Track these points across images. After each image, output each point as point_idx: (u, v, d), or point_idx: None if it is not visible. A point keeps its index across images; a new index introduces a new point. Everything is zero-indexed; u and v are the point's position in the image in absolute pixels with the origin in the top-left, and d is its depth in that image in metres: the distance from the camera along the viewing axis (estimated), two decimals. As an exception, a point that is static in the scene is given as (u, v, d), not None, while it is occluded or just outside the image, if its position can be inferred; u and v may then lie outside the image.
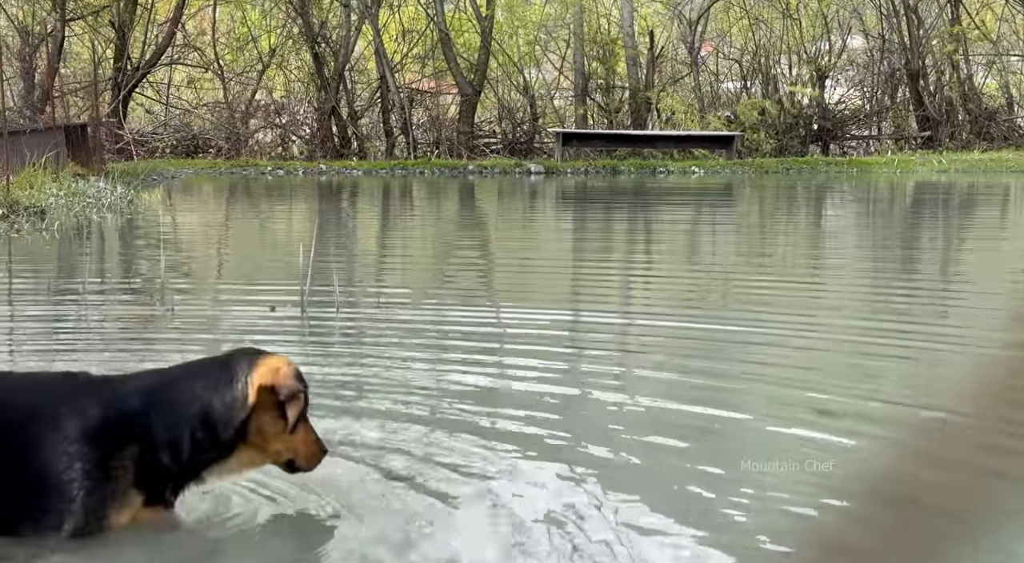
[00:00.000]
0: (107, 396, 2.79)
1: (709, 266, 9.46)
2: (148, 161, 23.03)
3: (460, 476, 3.44)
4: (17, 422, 2.71)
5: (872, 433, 3.99)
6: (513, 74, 28.07)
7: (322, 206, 16.92)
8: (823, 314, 6.71)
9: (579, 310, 7.09)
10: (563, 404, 4.37)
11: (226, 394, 2.82)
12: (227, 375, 2.84)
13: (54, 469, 2.67)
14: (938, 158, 24.62)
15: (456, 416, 4.15)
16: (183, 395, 2.82)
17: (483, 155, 26.13)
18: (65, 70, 25.82)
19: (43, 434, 2.69)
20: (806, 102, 27.94)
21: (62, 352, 5.37)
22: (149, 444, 2.76)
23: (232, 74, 27.46)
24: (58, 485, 2.68)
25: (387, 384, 4.67)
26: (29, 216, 11.85)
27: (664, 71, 28.56)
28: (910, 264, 9.65)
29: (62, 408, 2.72)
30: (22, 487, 2.69)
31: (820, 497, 3.26)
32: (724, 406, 4.26)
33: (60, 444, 2.68)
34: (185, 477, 2.86)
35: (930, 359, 5.42)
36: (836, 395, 4.53)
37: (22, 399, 2.77)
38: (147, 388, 2.84)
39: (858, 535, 3.04)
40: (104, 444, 2.71)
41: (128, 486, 2.74)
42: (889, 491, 3.41)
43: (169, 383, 2.87)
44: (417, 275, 8.80)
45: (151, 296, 7.01)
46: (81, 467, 2.68)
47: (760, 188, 20.31)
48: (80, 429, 2.70)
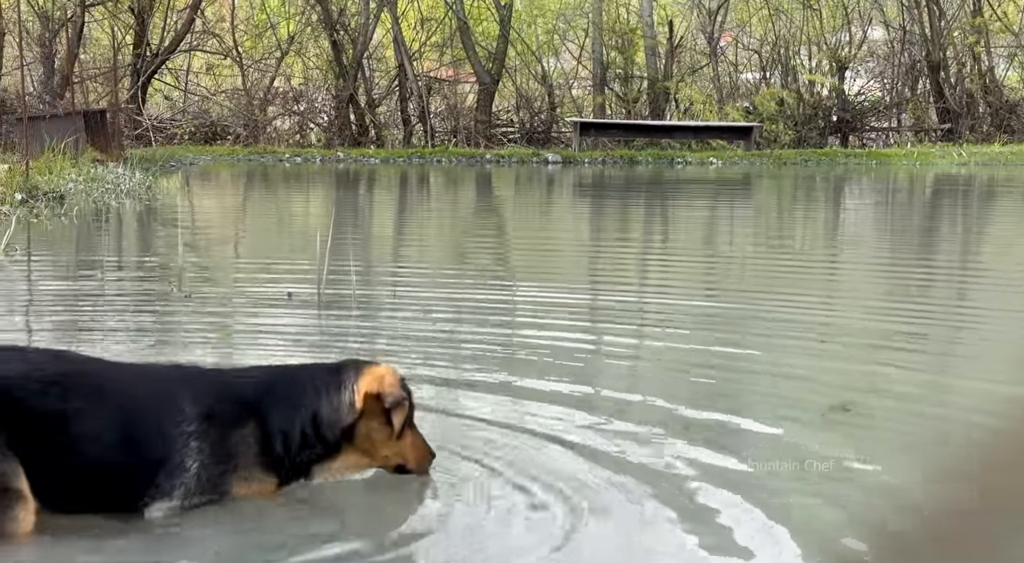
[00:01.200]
0: (223, 384, 3.00)
1: (727, 253, 9.43)
2: (166, 147, 23.09)
3: (473, 462, 3.44)
4: (143, 407, 2.89)
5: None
6: (531, 63, 28.02)
7: (339, 194, 16.94)
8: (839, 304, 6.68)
9: (598, 291, 7.08)
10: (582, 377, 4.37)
11: (334, 398, 3.01)
12: (336, 380, 3.04)
13: (178, 448, 2.86)
14: (958, 151, 24.46)
15: (471, 401, 4.15)
16: (295, 392, 3.01)
17: (500, 144, 26.10)
18: (85, 56, 25.90)
19: (167, 418, 2.88)
20: (825, 93, 27.81)
21: (82, 333, 5.39)
22: (265, 430, 2.95)
23: (251, 61, 27.50)
24: (181, 462, 2.86)
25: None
26: (48, 201, 11.89)
27: (683, 61, 28.46)
28: (928, 256, 9.60)
29: (183, 391, 2.92)
30: (149, 466, 2.87)
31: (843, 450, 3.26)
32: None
33: (182, 425, 2.87)
34: (294, 470, 3.02)
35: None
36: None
37: (145, 388, 2.95)
38: (262, 381, 3.04)
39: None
40: (223, 424, 2.90)
41: (251, 463, 2.93)
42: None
43: (282, 379, 3.07)
44: (433, 261, 8.80)
45: (169, 281, 7.03)
46: (199, 444, 2.87)
47: (779, 179, 20.24)
48: (200, 412, 2.89)
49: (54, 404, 2.80)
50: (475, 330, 5.59)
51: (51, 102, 22.09)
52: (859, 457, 3.56)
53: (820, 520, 3.07)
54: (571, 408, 4.10)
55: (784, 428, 3.90)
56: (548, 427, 3.83)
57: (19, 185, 12.20)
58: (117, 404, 2.88)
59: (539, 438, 3.71)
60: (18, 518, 2.70)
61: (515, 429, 3.81)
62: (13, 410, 2.76)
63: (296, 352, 4.96)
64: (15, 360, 2.89)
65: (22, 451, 2.73)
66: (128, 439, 2.87)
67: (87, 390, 2.86)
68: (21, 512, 2.71)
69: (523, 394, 4.30)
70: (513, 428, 3.82)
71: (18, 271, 7.38)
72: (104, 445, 2.85)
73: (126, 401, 2.90)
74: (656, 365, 5.00)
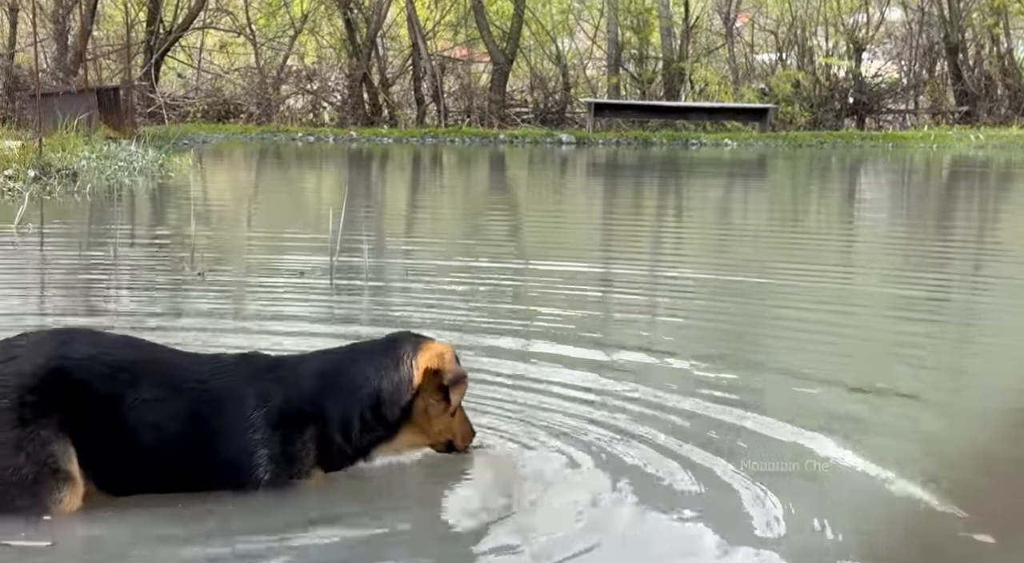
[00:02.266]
0: (287, 380, 2.96)
1: (741, 229, 9.37)
2: (179, 125, 23.05)
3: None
4: (213, 403, 2.89)
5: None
6: (546, 43, 27.89)
7: (352, 173, 16.89)
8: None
9: (610, 262, 7.03)
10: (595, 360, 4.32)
11: (394, 376, 2.99)
12: (394, 358, 3.01)
13: (244, 448, 2.87)
14: (975, 133, 24.28)
15: (483, 383, 4.11)
16: (354, 378, 2.99)
17: (514, 124, 26.01)
18: (98, 33, 25.86)
19: (234, 417, 2.88)
20: (842, 75, 27.62)
21: (94, 309, 5.36)
22: (324, 425, 2.94)
23: (264, 39, 27.42)
24: (247, 464, 2.87)
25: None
26: (61, 179, 11.86)
27: (698, 42, 28.29)
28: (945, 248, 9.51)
29: (250, 390, 2.90)
30: (214, 465, 2.88)
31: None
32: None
33: (248, 430, 2.87)
34: (356, 455, 3.03)
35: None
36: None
37: (217, 384, 2.92)
38: (320, 371, 3.00)
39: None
40: (286, 426, 2.90)
41: (310, 466, 2.94)
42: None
43: (340, 366, 3.04)
44: (445, 237, 8.75)
45: (181, 259, 6.99)
46: (267, 451, 2.88)
47: (794, 161, 20.12)
48: (266, 414, 2.88)
49: (121, 390, 2.80)
50: (489, 303, 5.55)
51: (64, 79, 22.07)
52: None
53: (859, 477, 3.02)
54: (587, 371, 4.15)
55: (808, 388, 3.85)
56: (563, 392, 3.81)
57: (32, 162, 12.17)
58: (187, 398, 2.87)
59: (556, 398, 3.76)
60: (64, 500, 2.71)
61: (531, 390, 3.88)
62: (72, 392, 2.75)
63: (311, 328, 4.91)
64: (83, 343, 2.87)
65: (78, 433, 2.73)
66: (194, 437, 2.87)
67: (156, 378, 2.86)
68: (67, 494, 2.72)
69: (540, 358, 4.32)
70: (529, 389, 3.89)
71: (31, 247, 7.36)
72: (168, 438, 2.84)
73: (195, 395, 2.88)
74: (672, 324, 4.95)
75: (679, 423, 3.64)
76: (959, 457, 3.44)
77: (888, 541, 2.81)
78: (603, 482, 3.09)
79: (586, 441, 3.42)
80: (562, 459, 3.27)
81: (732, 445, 3.42)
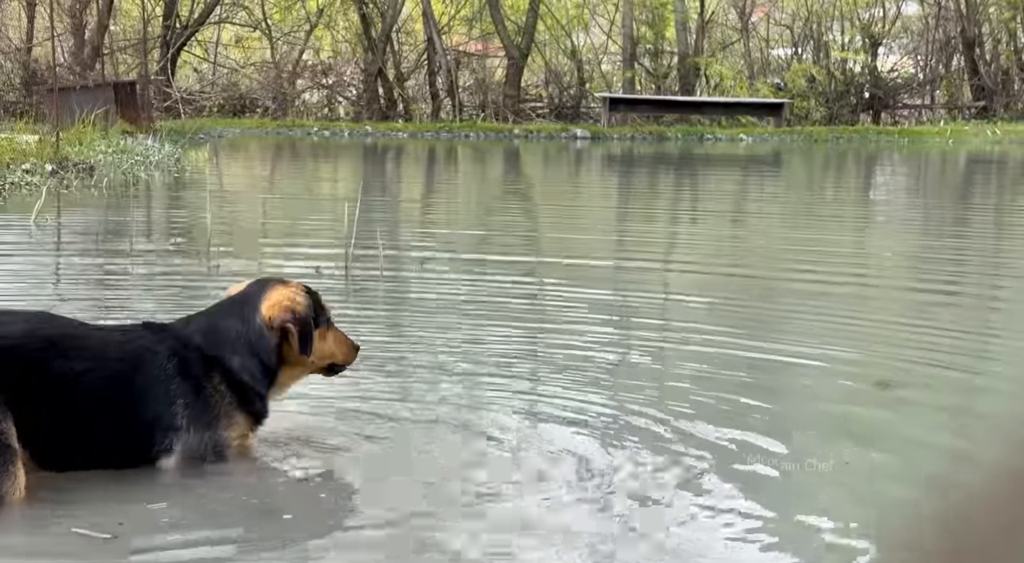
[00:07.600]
0: (185, 337, 3.13)
1: (758, 224, 9.36)
2: (195, 119, 23.12)
3: (499, 435, 3.43)
4: (119, 370, 3.01)
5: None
6: (561, 38, 27.86)
7: (367, 167, 16.92)
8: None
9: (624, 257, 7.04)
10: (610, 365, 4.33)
11: (253, 325, 3.15)
12: (252, 308, 3.17)
13: (161, 404, 3.01)
14: (992, 128, 24.17)
15: (496, 376, 4.13)
16: (229, 329, 3.15)
17: (529, 119, 26.00)
18: (115, 27, 25.95)
19: (143, 376, 3.02)
20: (858, 70, 27.52)
21: (109, 302, 5.40)
22: (227, 370, 3.11)
23: (280, 33, 27.48)
24: (167, 416, 3.02)
25: (428, 342, 4.65)
26: (78, 172, 11.92)
27: (714, 36, 28.22)
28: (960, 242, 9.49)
29: (161, 347, 3.07)
30: (136, 424, 3.01)
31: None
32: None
33: (161, 383, 3.02)
34: (264, 394, 3.17)
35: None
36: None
37: (117, 351, 3.05)
38: (206, 327, 3.16)
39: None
40: (197, 373, 3.07)
41: (229, 407, 3.10)
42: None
43: (217, 320, 3.19)
44: (461, 234, 8.76)
45: (197, 253, 7.03)
46: (183, 400, 3.03)
47: (809, 156, 20.06)
48: (173, 367, 3.05)
49: (57, 364, 2.90)
50: (501, 298, 5.57)
51: (81, 73, 22.16)
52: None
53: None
54: (597, 364, 4.11)
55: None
56: (571, 380, 3.82)
57: (50, 156, 12.24)
58: (113, 364, 3.00)
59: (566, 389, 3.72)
60: (16, 475, 2.76)
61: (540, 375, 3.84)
62: (11, 371, 2.83)
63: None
64: (16, 322, 2.96)
65: (18, 411, 2.80)
66: (123, 398, 2.99)
67: (82, 350, 2.97)
68: (17, 469, 2.77)
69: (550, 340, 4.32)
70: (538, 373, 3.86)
71: (48, 240, 7.41)
72: (102, 402, 2.97)
73: (118, 360, 3.01)
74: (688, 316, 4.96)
75: (685, 418, 3.65)
76: (975, 456, 3.44)
77: (900, 541, 2.81)
78: (604, 479, 3.10)
79: (588, 431, 3.44)
80: (562, 451, 3.29)
81: (741, 441, 3.44)
